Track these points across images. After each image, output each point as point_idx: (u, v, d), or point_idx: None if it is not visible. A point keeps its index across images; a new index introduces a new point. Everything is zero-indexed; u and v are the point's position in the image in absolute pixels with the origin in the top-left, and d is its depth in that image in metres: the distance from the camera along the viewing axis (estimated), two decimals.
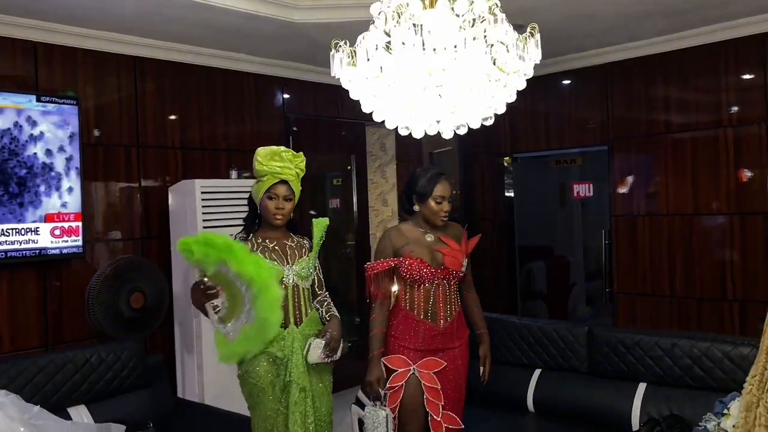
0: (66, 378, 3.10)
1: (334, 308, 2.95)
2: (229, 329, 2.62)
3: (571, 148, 5.42)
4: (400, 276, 2.90)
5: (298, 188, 2.87)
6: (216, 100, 4.62)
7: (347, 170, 6.09)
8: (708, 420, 2.68)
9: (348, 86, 2.14)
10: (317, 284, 2.95)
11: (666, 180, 4.70)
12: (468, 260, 3.04)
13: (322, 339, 2.74)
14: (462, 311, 3.04)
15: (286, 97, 5.06)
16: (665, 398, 3.16)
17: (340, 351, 2.80)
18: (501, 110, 2.12)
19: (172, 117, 4.40)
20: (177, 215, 4.20)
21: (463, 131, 2.18)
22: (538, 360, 3.65)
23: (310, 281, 2.89)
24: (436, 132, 2.17)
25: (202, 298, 2.63)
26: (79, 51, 3.95)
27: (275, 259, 2.78)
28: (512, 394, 3.63)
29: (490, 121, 2.14)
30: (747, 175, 4.31)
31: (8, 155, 3.50)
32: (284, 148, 2.85)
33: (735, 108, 4.38)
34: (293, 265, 2.81)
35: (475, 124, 2.14)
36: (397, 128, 2.20)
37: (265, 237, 2.84)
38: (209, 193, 4.07)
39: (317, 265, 2.95)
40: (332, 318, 2.88)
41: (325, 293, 2.99)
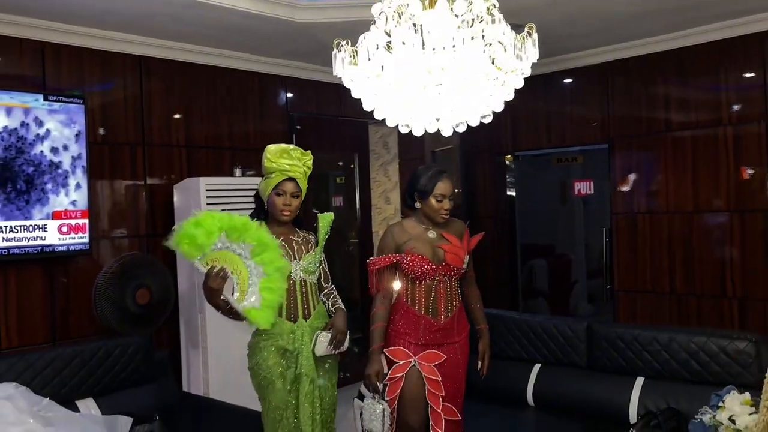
0: (74, 372, 3.17)
1: (340, 301, 3.02)
2: (252, 299, 2.63)
3: (572, 147, 5.44)
4: (402, 272, 2.95)
5: (305, 186, 2.94)
6: (220, 99, 4.66)
7: (350, 168, 6.12)
8: (704, 413, 2.73)
9: (350, 85, 2.19)
10: (323, 278, 3.03)
11: (666, 178, 4.71)
12: (470, 256, 3.07)
13: (328, 332, 2.84)
14: (463, 307, 3.07)
15: (290, 96, 5.09)
16: (663, 392, 3.21)
17: (347, 343, 2.90)
18: (499, 108, 2.17)
19: (177, 116, 4.45)
20: (182, 213, 4.24)
21: (462, 129, 2.22)
22: (538, 355, 3.70)
23: (317, 275, 2.97)
24: (436, 130, 2.22)
25: (219, 288, 2.60)
26: (86, 50, 3.99)
27: (283, 255, 2.83)
28: (512, 389, 3.68)
29: (489, 119, 2.18)
30: (748, 173, 4.34)
31: (16, 153, 3.55)
32: (293, 146, 2.92)
33: (735, 106, 4.40)
34: (300, 261, 2.88)
35: (474, 122, 2.19)
36: (398, 126, 2.25)
37: (272, 233, 2.88)
38: (214, 191, 4.11)
39: (323, 259, 3.02)
40: (338, 311, 2.96)
41: (332, 286, 3.06)
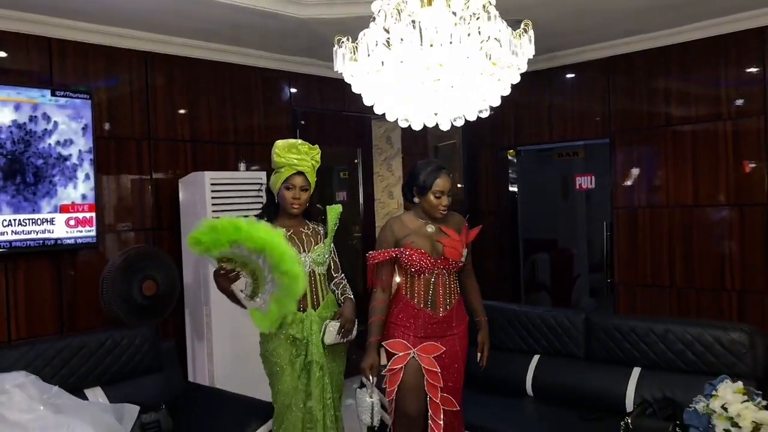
0: (82, 361, 3.24)
1: (350, 290, 3.11)
2: (260, 302, 2.77)
3: (574, 141, 5.47)
4: (401, 266, 2.99)
5: (314, 179, 3.03)
6: (225, 95, 4.72)
7: (354, 163, 6.18)
8: (698, 401, 2.78)
9: (350, 80, 2.24)
10: (333, 267, 3.12)
11: (666, 172, 4.74)
12: (468, 249, 3.11)
13: (337, 321, 2.94)
14: (461, 299, 3.11)
15: (294, 92, 5.14)
16: (659, 382, 3.26)
17: (355, 331, 3.00)
18: (496, 103, 2.22)
19: (182, 111, 4.50)
20: (187, 206, 4.31)
21: (461, 123, 2.28)
22: (537, 346, 3.76)
23: (326, 266, 3.05)
24: (435, 124, 2.27)
25: (226, 283, 2.78)
26: (92, 46, 4.04)
27: (293, 247, 2.91)
28: (512, 379, 3.74)
29: (486, 114, 2.23)
30: (751, 166, 4.36)
31: (24, 147, 3.62)
32: (301, 141, 3.01)
33: (735, 101, 4.42)
34: (309, 253, 2.97)
35: (472, 117, 2.24)
36: (397, 120, 2.30)
37: (282, 225, 2.99)
38: (218, 185, 4.17)
39: (333, 250, 3.10)
40: (347, 300, 3.05)
41: (341, 276, 3.14)
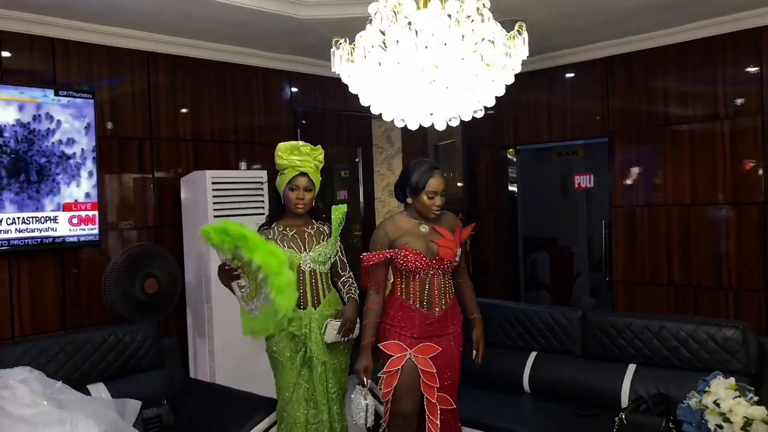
0: (85, 357, 3.29)
1: (355, 290, 3.14)
2: (252, 307, 2.88)
3: (573, 140, 5.50)
4: (396, 267, 2.95)
5: (318, 179, 3.08)
6: (226, 94, 4.76)
7: (354, 162, 6.20)
8: (691, 397, 2.82)
9: (347, 81, 2.28)
10: (340, 266, 3.15)
11: (664, 171, 4.77)
12: (462, 248, 3.10)
13: (338, 320, 2.99)
14: (456, 298, 3.10)
15: (294, 91, 5.18)
16: (654, 378, 3.30)
17: (356, 331, 3.04)
18: (490, 103, 2.26)
19: (184, 110, 4.54)
20: (189, 205, 4.36)
21: (456, 123, 2.32)
22: (534, 343, 3.79)
23: (328, 265, 3.09)
24: (431, 124, 2.31)
25: (227, 278, 2.89)
26: (95, 46, 4.09)
27: (293, 247, 3.00)
28: (509, 376, 3.77)
29: (480, 114, 2.27)
30: (751, 164, 4.38)
31: (27, 147, 3.66)
32: (302, 143, 3.06)
33: (732, 100, 4.45)
34: (310, 252, 3.01)
35: (467, 117, 2.28)
36: (393, 120, 2.35)
37: (287, 225, 3.05)
38: (219, 184, 4.21)
39: (339, 248, 3.14)
40: (350, 300, 3.10)
41: (349, 274, 3.18)
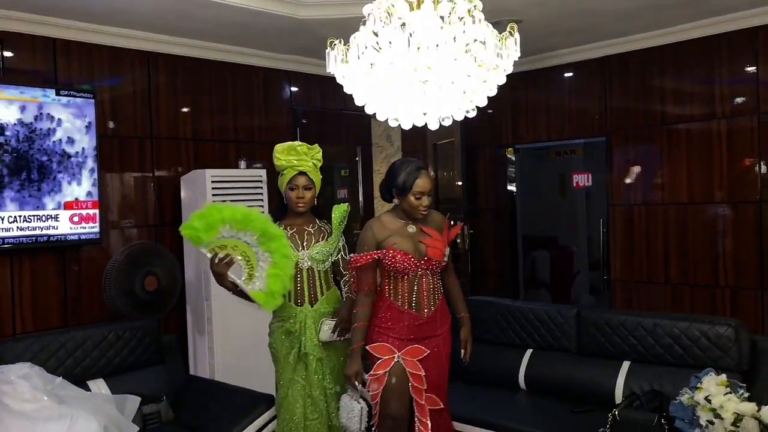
0: (86, 353, 3.33)
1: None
2: (259, 284, 2.80)
3: (571, 139, 5.52)
4: (385, 268, 2.91)
5: (318, 177, 3.11)
6: (226, 94, 4.79)
7: (354, 161, 6.23)
8: (683, 393, 2.85)
9: (342, 81, 2.32)
10: (342, 265, 3.17)
11: (662, 170, 4.80)
12: (449, 248, 3.07)
13: (333, 320, 3.01)
14: (444, 299, 3.08)
15: (294, 91, 5.21)
16: (648, 375, 3.34)
17: None
18: (483, 104, 2.29)
19: (185, 110, 4.58)
20: (189, 203, 4.39)
21: (449, 123, 2.35)
22: (530, 340, 3.83)
23: (328, 264, 3.11)
24: (423, 124, 2.34)
25: (223, 273, 2.77)
26: (95, 46, 4.12)
27: (292, 245, 3.00)
28: (505, 373, 3.81)
29: (473, 114, 2.31)
30: (749, 162, 4.39)
31: (29, 146, 3.70)
32: (299, 143, 3.10)
33: (729, 100, 4.47)
34: (308, 250, 3.04)
35: (459, 117, 2.31)
36: (387, 120, 2.38)
37: (288, 224, 3.08)
38: (219, 183, 4.25)
39: (341, 247, 3.16)
40: (347, 299, 3.11)
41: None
